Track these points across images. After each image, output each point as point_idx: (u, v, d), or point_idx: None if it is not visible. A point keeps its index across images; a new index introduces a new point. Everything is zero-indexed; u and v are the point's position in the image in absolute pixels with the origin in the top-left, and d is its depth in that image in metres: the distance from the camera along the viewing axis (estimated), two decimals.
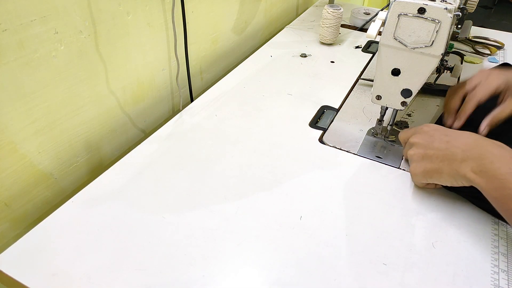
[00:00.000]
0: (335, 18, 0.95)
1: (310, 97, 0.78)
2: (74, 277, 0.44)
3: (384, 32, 0.55)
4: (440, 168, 0.51)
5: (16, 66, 0.49)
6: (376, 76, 0.59)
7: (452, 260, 0.48)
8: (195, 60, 0.86)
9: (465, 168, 0.47)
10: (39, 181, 0.58)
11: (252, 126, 0.69)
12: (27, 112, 0.53)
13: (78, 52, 0.57)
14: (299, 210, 0.53)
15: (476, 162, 0.47)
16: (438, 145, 0.52)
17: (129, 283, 0.44)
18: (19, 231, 0.58)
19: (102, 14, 0.58)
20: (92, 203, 0.53)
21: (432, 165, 0.52)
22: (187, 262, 0.46)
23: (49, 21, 0.51)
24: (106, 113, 0.66)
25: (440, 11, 0.50)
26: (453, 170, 0.49)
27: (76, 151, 0.63)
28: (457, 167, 0.48)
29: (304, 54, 0.94)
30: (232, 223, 0.51)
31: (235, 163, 0.61)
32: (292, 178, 0.58)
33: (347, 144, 0.66)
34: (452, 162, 0.49)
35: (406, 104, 0.60)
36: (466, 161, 0.48)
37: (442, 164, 0.50)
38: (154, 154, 0.62)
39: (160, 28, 0.71)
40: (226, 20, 0.92)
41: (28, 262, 0.45)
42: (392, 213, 0.53)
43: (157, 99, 0.78)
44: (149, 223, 0.51)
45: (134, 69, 0.69)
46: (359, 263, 0.47)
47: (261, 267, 0.46)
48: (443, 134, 0.53)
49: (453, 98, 0.64)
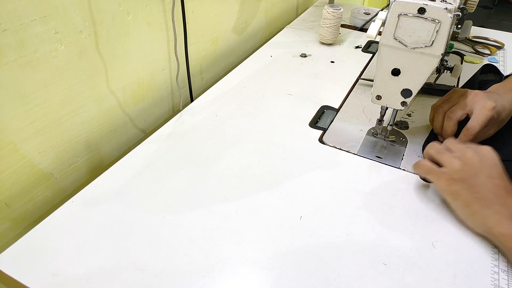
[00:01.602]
0: (335, 18, 0.95)
1: (310, 97, 0.78)
2: (74, 277, 0.44)
3: (384, 32, 0.55)
4: (470, 202, 0.49)
5: (16, 66, 0.49)
6: (376, 76, 0.59)
7: (452, 260, 0.48)
8: (195, 60, 0.86)
9: (495, 221, 0.47)
10: (39, 181, 0.58)
11: (252, 126, 0.69)
12: (27, 112, 0.53)
13: (78, 52, 0.57)
14: (299, 210, 0.53)
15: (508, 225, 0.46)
16: (487, 180, 0.49)
17: (129, 283, 0.44)
18: (19, 231, 0.58)
19: (102, 14, 0.58)
20: (92, 203, 0.53)
21: (467, 195, 0.49)
22: (187, 262, 0.46)
23: (49, 21, 0.51)
24: (106, 113, 0.66)
25: (440, 11, 0.50)
26: (481, 214, 0.48)
27: (76, 151, 0.63)
28: (487, 215, 0.47)
29: (304, 54, 0.94)
30: (232, 223, 0.51)
31: (235, 163, 0.61)
32: (292, 178, 0.58)
33: (347, 144, 0.66)
34: (486, 207, 0.47)
35: (406, 104, 0.60)
36: (501, 215, 0.46)
37: (476, 201, 0.48)
38: (154, 154, 0.62)
39: (160, 28, 0.71)
40: (226, 20, 0.92)
41: (28, 262, 0.45)
42: (392, 213, 0.53)
43: (157, 99, 0.78)
44: (149, 223, 0.51)
45: (134, 69, 0.69)
46: (359, 263, 0.47)
47: (261, 267, 0.46)
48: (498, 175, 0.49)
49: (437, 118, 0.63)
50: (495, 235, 0.47)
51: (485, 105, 0.58)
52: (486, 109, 0.57)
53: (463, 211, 0.50)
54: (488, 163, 0.50)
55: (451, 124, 0.61)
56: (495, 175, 0.49)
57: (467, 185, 0.49)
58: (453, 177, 0.50)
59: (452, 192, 0.50)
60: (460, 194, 0.49)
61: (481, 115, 0.58)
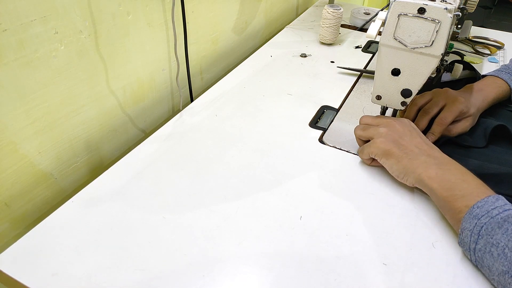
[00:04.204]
0: (335, 18, 0.95)
1: (310, 97, 0.78)
2: (74, 277, 0.44)
3: (384, 32, 0.55)
4: (400, 157, 0.54)
5: (16, 66, 0.49)
6: (376, 76, 0.59)
7: (452, 260, 0.48)
8: (195, 60, 0.86)
9: (423, 169, 0.52)
10: (39, 181, 0.58)
11: (252, 126, 0.69)
12: (27, 112, 0.53)
13: (78, 52, 0.57)
14: (299, 210, 0.53)
15: (436, 167, 0.51)
16: (410, 139, 0.56)
17: (129, 283, 0.44)
18: (19, 231, 0.58)
19: (102, 14, 0.58)
20: (92, 203, 0.53)
21: (397, 151, 0.55)
22: (187, 262, 0.46)
23: (49, 21, 0.51)
24: (106, 113, 0.66)
25: (440, 11, 0.50)
26: (411, 166, 0.53)
27: (76, 151, 0.63)
28: (416, 165, 0.53)
29: (304, 54, 0.94)
30: (232, 223, 0.51)
31: (235, 163, 0.61)
32: (292, 178, 0.58)
33: (347, 144, 0.66)
34: (413, 160, 0.53)
35: (406, 104, 0.60)
36: (427, 164, 0.52)
37: (404, 155, 0.54)
38: (154, 154, 0.62)
39: (160, 28, 0.71)
40: (226, 20, 0.92)
41: (28, 262, 0.45)
42: (392, 213, 0.53)
43: (157, 99, 0.78)
44: (149, 223, 0.51)
45: (134, 69, 0.69)
46: (359, 263, 0.47)
47: (261, 267, 0.46)
48: (418, 135, 0.57)
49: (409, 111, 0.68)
50: (424, 179, 0.51)
51: (456, 100, 0.65)
52: (458, 102, 0.65)
53: (396, 167, 0.55)
54: (408, 127, 0.58)
55: (424, 119, 0.65)
56: (416, 135, 0.57)
57: (396, 144, 0.55)
58: (382, 140, 0.56)
59: (385, 151, 0.56)
60: (391, 152, 0.55)
61: (453, 107, 0.64)
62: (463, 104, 0.64)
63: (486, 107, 0.70)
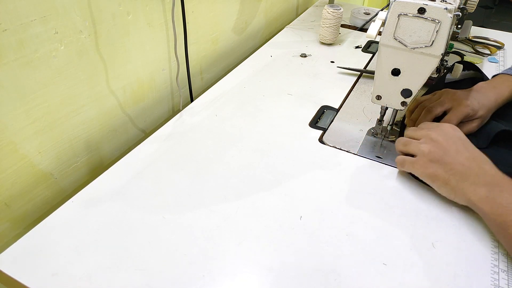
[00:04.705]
0: (335, 18, 0.95)
1: (310, 97, 0.78)
2: (74, 277, 0.44)
3: (384, 32, 0.55)
4: (447, 180, 0.52)
5: (16, 66, 0.49)
6: (376, 76, 0.59)
7: (452, 260, 0.48)
8: (195, 60, 0.86)
9: (473, 192, 0.50)
10: (39, 181, 0.58)
11: (252, 126, 0.69)
12: (27, 112, 0.53)
13: (78, 52, 0.57)
14: (299, 210, 0.53)
15: (486, 189, 0.49)
16: (456, 155, 0.52)
17: (129, 283, 0.44)
18: (19, 231, 0.58)
19: (102, 14, 0.58)
20: (92, 203, 0.53)
21: (442, 172, 0.52)
22: (187, 262, 0.46)
23: (49, 21, 0.51)
24: (106, 113, 0.66)
25: (440, 11, 0.50)
26: (459, 188, 0.51)
27: (76, 151, 0.63)
28: (465, 188, 0.50)
29: (304, 54, 0.94)
30: (232, 223, 0.51)
31: (235, 163, 0.61)
32: (292, 178, 0.58)
33: (347, 144, 0.66)
34: (462, 181, 0.51)
35: (406, 104, 0.60)
36: (477, 185, 0.50)
37: (451, 177, 0.51)
38: (154, 154, 0.62)
39: (160, 28, 0.71)
40: (226, 20, 0.92)
41: (28, 262, 0.45)
42: (392, 213, 0.53)
43: (157, 99, 0.78)
44: (149, 223, 0.51)
45: (134, 69, 0.69)
46: (359, 263, 0.47)
47: (261, 267, 0.46)
48: (464, 147, 0.53)
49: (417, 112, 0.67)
50: (474, 203, 0.50)
51: (461, 103, 0.64)
52: (463, 106, 0.63)
53: (444, 189, 0.53)
54: (453, 139, 0.54)
55: (427, 117, 0.65)
56: (462, 149, 0.53)
57: (440, 165, 0.52)
58: (425, 161, 0.53)
59: (429, 174, 0.53)
60: (437, 174, 0.52)
61: (458, 111, 0.63)
62: (468, 108, 0.63)
63: (498, 106, 0.67)
